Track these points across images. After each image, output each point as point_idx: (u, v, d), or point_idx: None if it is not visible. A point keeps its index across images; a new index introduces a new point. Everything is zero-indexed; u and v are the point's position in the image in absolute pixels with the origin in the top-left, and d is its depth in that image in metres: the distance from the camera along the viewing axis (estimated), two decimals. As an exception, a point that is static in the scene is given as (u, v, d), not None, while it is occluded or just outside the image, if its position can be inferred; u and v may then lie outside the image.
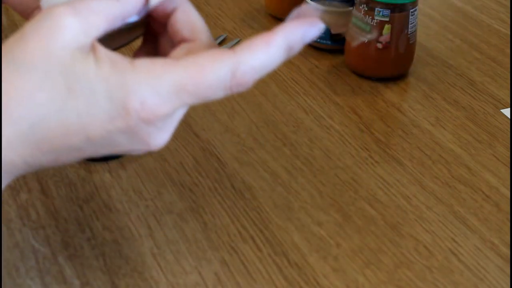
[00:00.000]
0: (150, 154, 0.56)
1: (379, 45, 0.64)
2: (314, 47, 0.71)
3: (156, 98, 0.35)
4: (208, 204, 0.52)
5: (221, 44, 0.72)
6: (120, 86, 0.35)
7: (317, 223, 0.50)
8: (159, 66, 0.35)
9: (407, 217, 0.51)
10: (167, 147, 0.57)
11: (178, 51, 0.39)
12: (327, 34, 0.69)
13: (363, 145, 0.58)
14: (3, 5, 0.79)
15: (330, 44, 0.70)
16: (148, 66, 0.35)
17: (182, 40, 0.41)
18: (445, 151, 0.58)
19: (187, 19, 0.40)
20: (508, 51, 0.73)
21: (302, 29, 0.38)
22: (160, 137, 0.37)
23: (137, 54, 0.43)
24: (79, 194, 0.52)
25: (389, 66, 0.66)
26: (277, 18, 0.77)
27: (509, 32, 0.76)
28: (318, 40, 0.70)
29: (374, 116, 0.62)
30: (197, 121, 0.60)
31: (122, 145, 0.36)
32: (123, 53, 0.37)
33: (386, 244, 0.49)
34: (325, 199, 0.52)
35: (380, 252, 0.48)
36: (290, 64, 0.69)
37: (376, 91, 0.65)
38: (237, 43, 0.72)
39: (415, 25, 0.65)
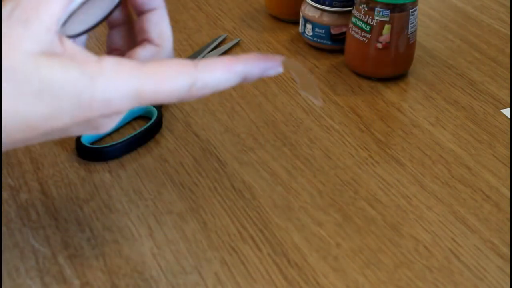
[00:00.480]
0: (150, 154, 0.56)
1: (379, 45, 0.64)
2: (314, 47, 0.71)
3: (120, 99, 0.38)
4: (208, 204, 0.52)
5: (221, 44, 0.72)
6: (88, 88, 0.37)
7: (317, 223, 0.50)
8: (126, 70, 0.38)
9: (407, 217, 0.51)
10: (167, 147, 0.57)
11: (143, 52, 0.43)
12: (327, 34, 0.69)
13: (363, 145, 0.58)
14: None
15: (330, 44, 0.70)
16: (116, 69, 0.38)
17: (146, 40, 0.44)
18: (445, 151, 0.58)
19: (159, 23, 0.44)
20: (508, 51, 0.73)
21: (263, 66, 0.42)
22: (110, 125, 0.40)
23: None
24: (79, 194, 0.52)
25: (389, 66, 0.66)
26: (277, 18, 0.77)
27: (509, 32, 0.76)
28: (318, 40, 0.70)
29: (374, 116, 0.62)
30: (197, 121, 0.60)
31: (74, 132, 0.39)
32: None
33: (386, 244, 0.49)
34: (325, 199, 0.52)
35: (380, 252, 0.48)
36: (290, 64, 0.69)
37: (376, 91, 0.65)
38: (237, 43, 0.72)
39: (415, 25, 0.65)
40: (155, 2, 0.44)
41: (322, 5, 0.69)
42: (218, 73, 0.40)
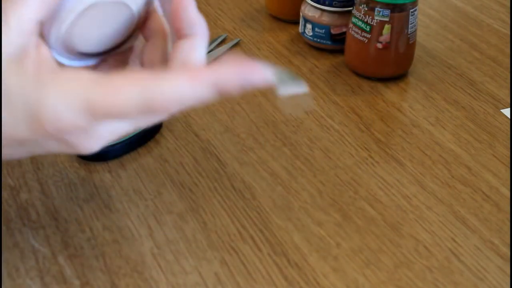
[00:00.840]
0: (150, 154, 0.56)
1: (379, 45, 0.64)
2: (314, 47, 0.71)
3: (69, 112, 0.35)
4: (208, 204, 0.52)
5: (221, 44, 0.72)
6: (36, 100, 0.35)
7: (317, 223, 0.50)
8: (78, 81, 0.36)
9: (407, 217, 0.51)
10: (167, 147, 0.57)
11: None
12: (327, 34, 0.69)
13: (363, 145, 0.58)
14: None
15: (330, 44, 0.70)
16: (69, 79, 0.36)
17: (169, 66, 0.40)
18: (445, 151, 0.58)
19: (189, 53, 0.40)
20: (508, 51, 0.73)
21: (241, 73, 0.37)
22: (89, 143, 0.38)
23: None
24: (79, 194, 0.52)
25: (389, 66, 0.66)
26: (277, 18, 0.77)
27: (509, 32, 0.76)
28: (318, 40, 0.70)
29: (374, 116, 0.62)
30: (197, 121, 0.60)
31: (53, 148, 0.38)
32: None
33: (386, 244, 0.49)
34: (325, 199, 0.52)
35: (380, 252, 0.48)
36: (290, 64, 0.69)
37: (376, 91, 0.65)
38: (237, 43, 0.72)
39: (415, 25, 0.65)
40: (194, 28, 0.40)
41: (322, 5, 0.69)
42: (180, 84, 0.36)
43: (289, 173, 0.55)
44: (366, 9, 0.63)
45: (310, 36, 0.71)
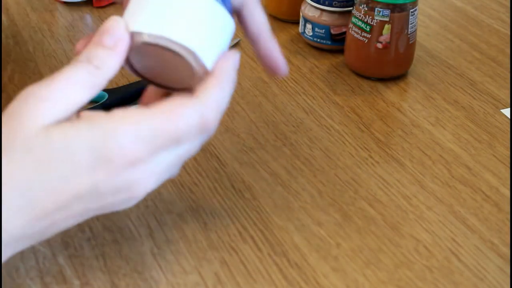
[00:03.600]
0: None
1: (379, 45, 0.64)
2: (314, 47, 0.71)
3: (134, 142, 0.37)
4: (208, 204, 0.52)
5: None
6: (99, 137, 0.37)
7: (317, 223, 0.50)
8: (134, 114, 0.37)
9: (407, 217, 0.51)
10: (167, 147, 0.57)
11: None
12: (327, 34, 0.69)
13: (363, 145, 0.58)
14: (3, 5, 0.79)
15: (330, 44, 0.70)
16: (124, 114, 0.37)
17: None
18: (445, 151, 0.58)
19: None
20: (508, 51, 0.73)
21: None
22: (143, 183, 0.38)
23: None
24: (79, 194, 0.52)
25: (389, 66, 0.66)
26: (277, 18, 0.77)
27: (509, 32, 0.76)
28: (318, 40, 0.70)
29: (374, 116, 0.62)
30: (197, 121, 0.60)
31: (108, 196, 0.38)
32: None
33: (386, 244, 0.49)
34: (325, 199, 0.52)
35: (380, 252, 0.48)
36: (290, 64, 0.69)
37: (376, 91, 0.65)
38: (237, 43, 0.72)
39: (415, 25, 0.65)
40: (278, 70, 0.47)
41: (322, 5, 0.69)
42: (214, 89, 0.42)
43: (289, 173, 0.55)
44: (366, 9, 0.63)
45: (310, 36, 0.71)
